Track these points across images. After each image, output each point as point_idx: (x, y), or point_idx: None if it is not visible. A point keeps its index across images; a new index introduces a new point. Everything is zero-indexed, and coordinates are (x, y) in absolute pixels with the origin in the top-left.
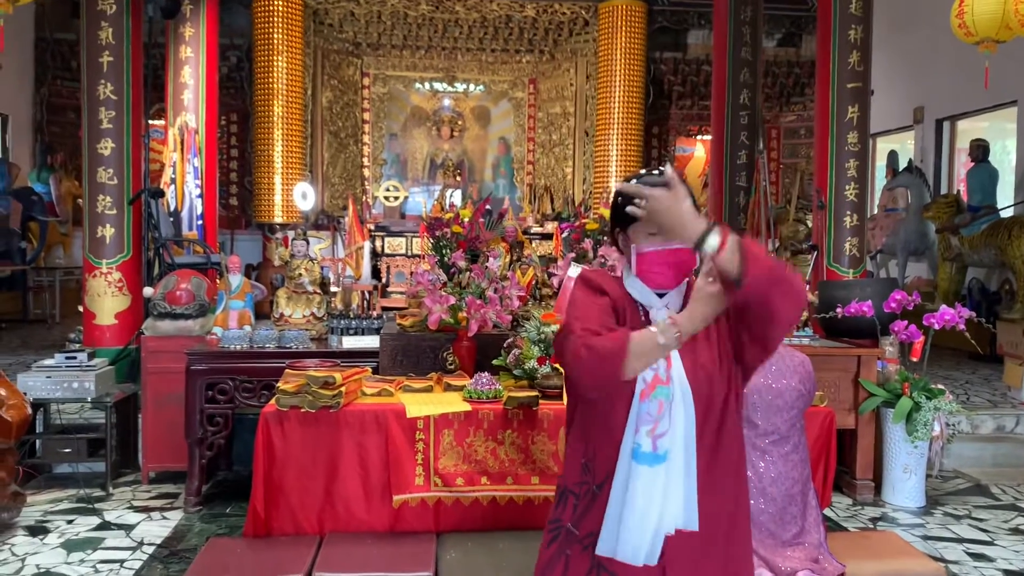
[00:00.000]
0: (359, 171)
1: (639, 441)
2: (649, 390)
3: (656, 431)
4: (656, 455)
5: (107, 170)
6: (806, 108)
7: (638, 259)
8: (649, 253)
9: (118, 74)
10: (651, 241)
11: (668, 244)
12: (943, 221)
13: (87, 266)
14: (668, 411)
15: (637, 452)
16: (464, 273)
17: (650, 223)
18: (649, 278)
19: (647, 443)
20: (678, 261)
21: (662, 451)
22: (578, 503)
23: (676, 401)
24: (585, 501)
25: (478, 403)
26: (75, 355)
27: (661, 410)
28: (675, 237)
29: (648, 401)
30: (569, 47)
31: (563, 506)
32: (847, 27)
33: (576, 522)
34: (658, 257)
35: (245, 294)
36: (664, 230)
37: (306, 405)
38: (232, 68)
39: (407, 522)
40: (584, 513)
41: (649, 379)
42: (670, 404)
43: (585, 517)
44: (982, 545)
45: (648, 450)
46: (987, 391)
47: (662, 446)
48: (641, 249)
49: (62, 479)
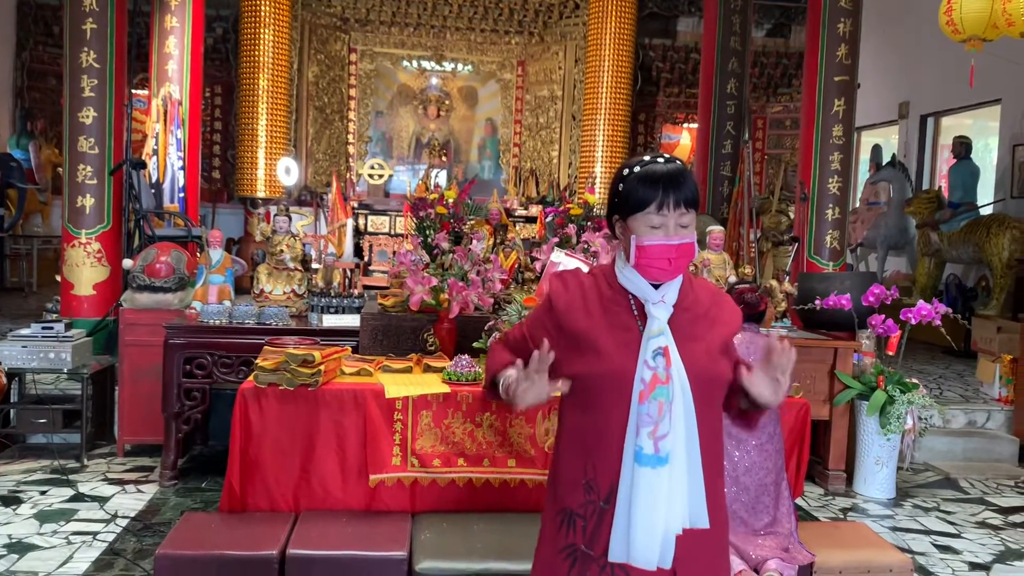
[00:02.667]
0: (344, 148)
1: (641, 444)
2: (648, 391)
3: (657, 433)
4: (659, 457)
5: (88, 139)
6: (792, 99)
7: (638, 251)
8: (651, 246)
9: (101, 42)
10: (653, 234)
11: (669, 239)
12: (924, 216)
13: (66, 236)
14: (668, 412)
15: (640, 455)
16: (447, 255)
17: (771, 367)
18: (648, 271)
19: (649, 445)
20: (680, 255)
21: (664, 453)
22: (587, 524)
23: (676, 401)
24: (594, 520)
25: (457, 385)
26: (52, 325)
27: (661, 411)
28: (779, 392)
29: (648, 403)
30: (559, 30)
31: (571, 530)
32: (836, 20)
33: (589, 543)
34: (661, 251)
35: (225, 269)
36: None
37: (284, 383)
38: (218, 39)
39: (383, 502)
40: (595, 532)
41: (648, 379)
42: (670, 405)
43: (597, 536)
44: (949, 537)
45: (651, 452)
46: (960, 386)
47: (664, 448)
48: (642, 241)
49: (36, 450)
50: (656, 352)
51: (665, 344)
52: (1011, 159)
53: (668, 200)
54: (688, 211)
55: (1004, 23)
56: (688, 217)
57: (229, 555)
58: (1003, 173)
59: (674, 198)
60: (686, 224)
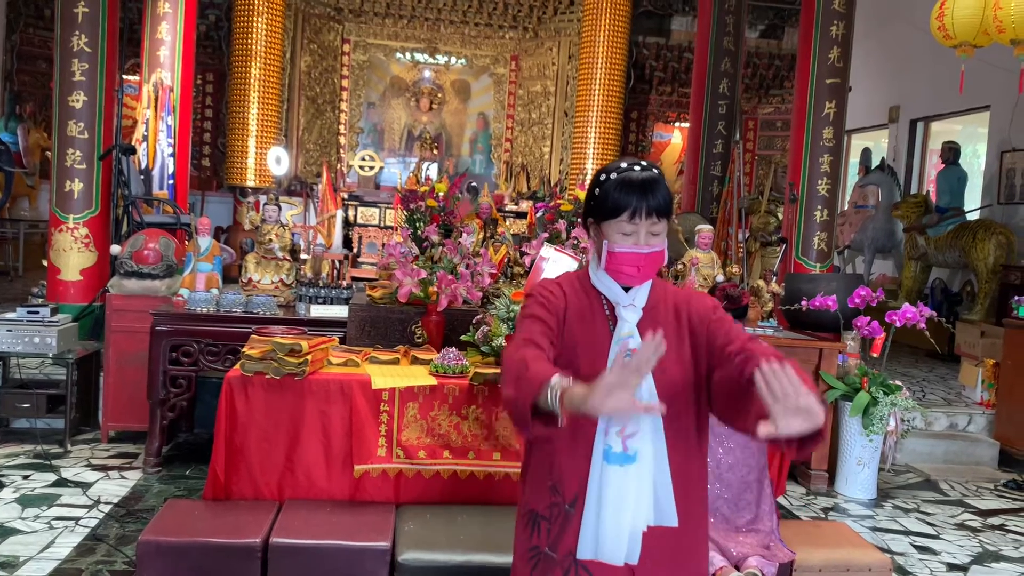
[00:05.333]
0: (335, 139)
1: (609, 443)
2: None
3: (626, 432)
4: (627, 455)
5: (78, 123)
6: (784, 101)
7: (609, 256)
8: (621, 253)
9: (93, 26)
10: (624, 241)
11: (639, 248)
12: (911, 221)
13: (53, 220)
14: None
15: (608, 453)
16: (437, 247)
17: (776, 400)
18: (617, 275)
19: (617, 444)
20: (648, 263)
21: (632, 451)
22: (551, 526)
23: (643, 401)
24: (559, 523)
25: (444, 378)
26: (37, 310)
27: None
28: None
29: None
30: (553, 26)
31: (535, 532)
32: (829, 22)
33: (553, 545)
34: (631, 259)
35: (214, 257)
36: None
37: (271, 372)
38: (210, 27)
39: (367, 492)
40: (559, 535)
41: None
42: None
43: (561, 539)
44: (928, 538)
45: (619, 451)
46: (943, 389)
47: (632, 446)
48: (614, 248)
49: (20, 434)
50: (626, 353)
51: (634, 346)
52: (999, 165)
53: (641, 209)
54: (660, 220)
55: (995, 29)
56: (659, 226)
57: (212, 543)
58: (990, 179)
59: (647, 207)
60: (657, 232)
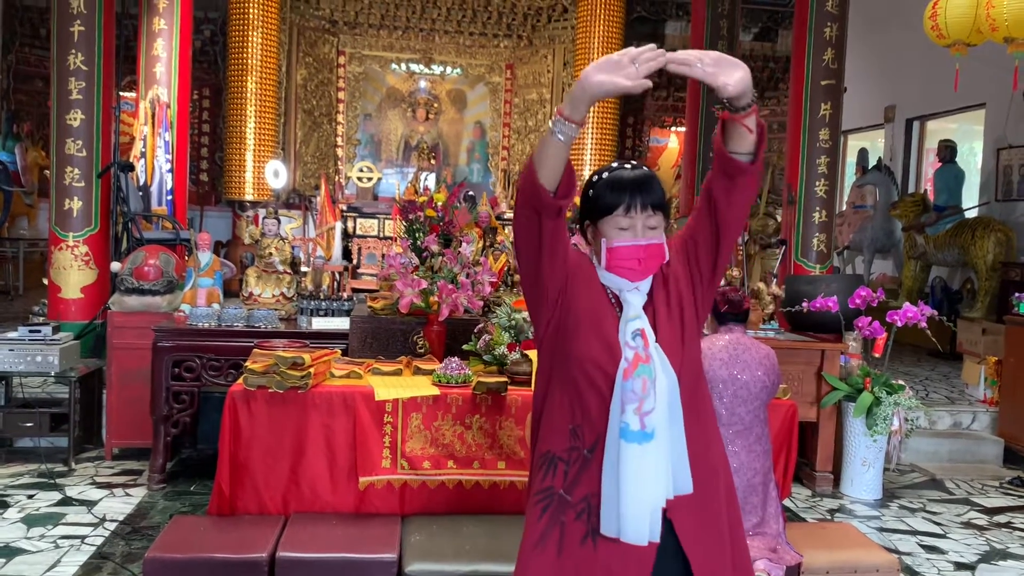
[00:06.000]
0: (332, 151)
1: (627, 420)
2: (631, 368)
3: (643, 409)
4: (645, 433)
5: (76, 141)
6: (780, 103)
7: (608, 253)
8: (620, 247)
9: (89, 44)
10: (622, 236)
11: (637, 240)
12: (909, 220)
13: (53, 239)
14: (652, 388)
15: (625, 431)
16: (436, 257)
17: (720, 68)
18: (619, 271)
19: (635, 421)
20: (648, 255)
21: (650, 429)
22: (568, 469)
23: (659, 377)
24: (576, 466)
25: (447, 387)
26: (39, 328)
27: (645, 388)
28: (733, 77)
29: (632, 379)
30: (547, 33)
31: (551, 474)
32: (823, 24)
33: (568, 488)
34: (630, 252)
35: (214, 272)
36: (723, 70)
37: (274, 385)
38: (206, 42)
39: (373, 504)
40: (576, 478)
41: (631, 358)
42: (653, 382)
43: (578, 482)
44: (935, 538)
45: (637, 428)
46: (946, 388)
47: (650, 424)
48: (612, 243)
49: (24, 453)
50: (635, 333)
51: (641, 327)
52: (995, 163)
53: (635, 202)
54: (655, 214)
55: (988, 28)
56: (655, 219)
57: (218, 558)
58: (988, 177)
59: (640, 200)
60: (654, 226)
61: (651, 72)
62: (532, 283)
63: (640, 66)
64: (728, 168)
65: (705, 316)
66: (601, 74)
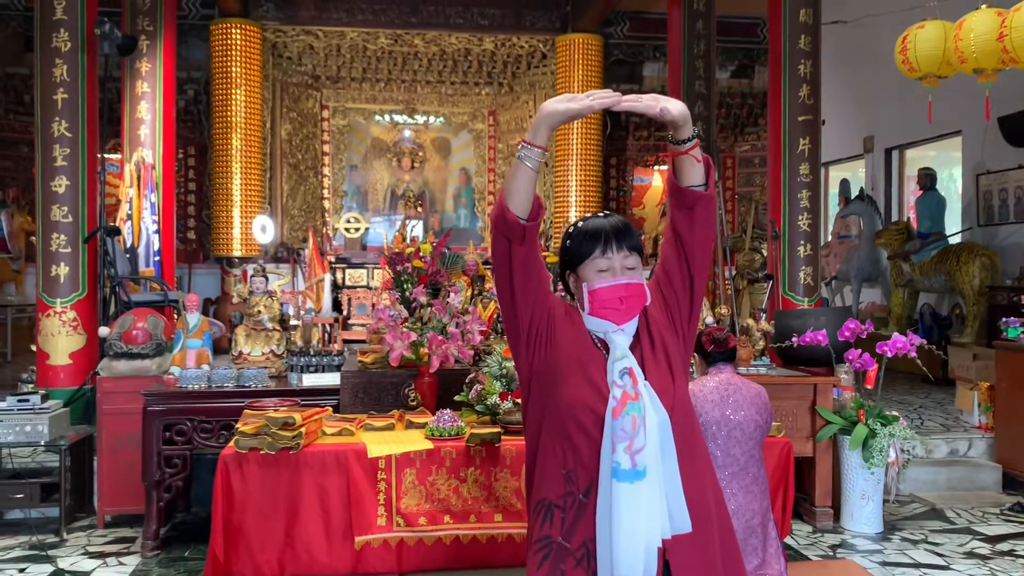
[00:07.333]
0: (319, 203)
1: (618, 459)
2: (620, 407)
3: (633, 447)
4: (636, 471)
5: (61, 208)
6: (760, 138)
7: (590, 296)
8: (601, 289)
9: (73, 111)
10: (602, 277)
11: (617, 280)
12: (894, 248)
13: (40, 305)
14: (642, 426)
15: (617, 470)
16: (425, 308)
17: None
18: (603, 314)
19: (626, 460)
20: (629, 295)
21: (641, 467)
22: (565, 516)
23: (649, 415)
24: (573, 512)
25: (440, 441)
26: (28, 397)
27: (635, 426)
28: (672, 103)
29: (621, 418)
30: (527, 80)
31: (549, 522)
32: (797, 62)
33: (567, 535)
34: (611, 291)
35: (203, 332)
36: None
37: (265, 447)
38: (189, 101)
39: (369, 563)
40: (574, 524)
41: (619, 396)
42: (643, 419)
43: (575, 528)
44: (938, 570)
45: (628, 467)
46: (940, 415)
47: (641, 462)
48: (593, 286)
49: (14, 526)
50: (622, 371)
51: (629, 365)
52: (975, 188)
53: (611, 244)
54: (631, 254)
55: (957, 60)
56: (633, 259)
57: None
58: (968, 202)
59: (616, 242)
60: (631, 266)
61: (604, 107)
62: (509, 316)
63: (595, 101)
64: (685, 199)
65: (689, 354)
66: (558, 103)
